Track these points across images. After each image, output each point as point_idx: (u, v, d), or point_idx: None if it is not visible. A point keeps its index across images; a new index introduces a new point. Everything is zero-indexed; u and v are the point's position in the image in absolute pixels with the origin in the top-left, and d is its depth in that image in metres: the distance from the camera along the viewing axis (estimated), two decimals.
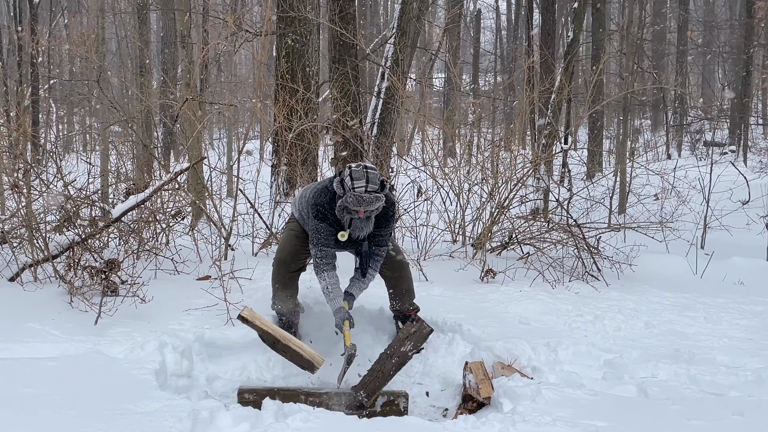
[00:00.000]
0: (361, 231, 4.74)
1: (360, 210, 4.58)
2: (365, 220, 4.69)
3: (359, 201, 4.52)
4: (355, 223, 4.71)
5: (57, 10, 22.47)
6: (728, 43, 26.54)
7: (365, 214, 4.63)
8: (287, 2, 9.04)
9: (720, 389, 4.40)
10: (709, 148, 20.64)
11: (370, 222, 4.72)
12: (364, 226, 4.72)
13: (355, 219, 4.68)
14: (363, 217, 4.65)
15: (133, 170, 8.63)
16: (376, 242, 4.90)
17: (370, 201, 4.53)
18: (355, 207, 4.56)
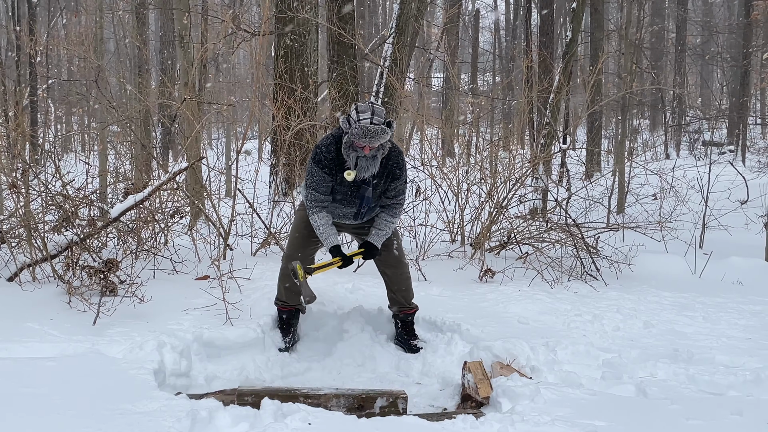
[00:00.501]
0: (366, 171, 4.72)
1: (366, 145, 4.60)
2: (371, 159, 4.69)
3: (365, 133, 4.54)
4: (361, 163, 4.69)
5: (55, 9, 22.46)
6: (726, 43, 26.56)
7: (371, 151, 4.65)
8: (285, 2, 9.05)
9: (719, 389, 4.41)
10: (707, 148, 20.67)
11: (375, 162, 4.72)
12: (369, 166, 4.71)
13: (361, 158, 4.67)
14: (369, 156, 4.66)
15: (132, 170, 8.62)
16: (393, 194, 4.94)
17: (375, 133, 4.54)
18: (361, 140, 4.57)
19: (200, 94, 9.84)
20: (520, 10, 26.62)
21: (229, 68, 22.06)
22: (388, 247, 5.13)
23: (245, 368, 4.86)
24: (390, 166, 4.84)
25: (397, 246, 5.19)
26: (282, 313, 5.24)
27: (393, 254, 5.16)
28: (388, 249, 5.13)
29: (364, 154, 4.66)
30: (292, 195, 8.04)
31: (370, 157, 4.68)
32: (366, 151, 4.64)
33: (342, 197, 4.90)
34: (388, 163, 4.84)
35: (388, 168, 4.84)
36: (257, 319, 5.23)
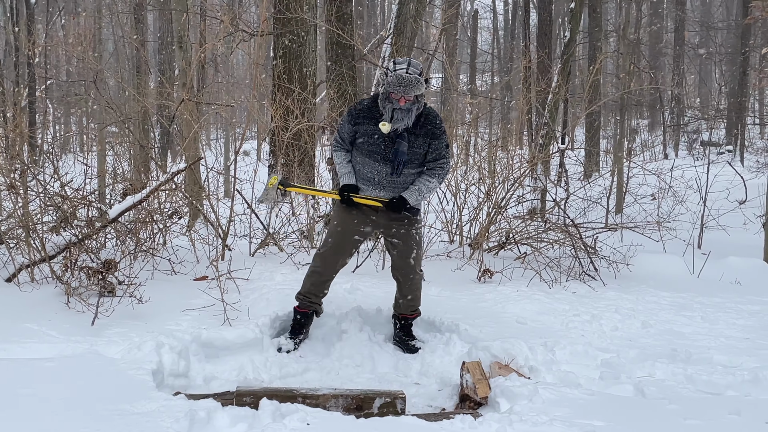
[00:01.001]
0: (400, 122, 4.78)
1: (401, 96, 4.70)
2: (406, 112, 4.76)
3: (399, 81, 4.65)
4: (396, 115, 4.76)
5: (54, 10, 22.45)
6: (725, 43, 26.58)
7: (406, 103, 4.74)
8: (284, 3, 9.05)
9: (717, 389, 4.41)
10: (706, 148, 20.68)
11: (410, 115, 4.79)
12: (404, 117, 4.78)
13: (396, 110, 4.75)
14: (404, 108, 4.75)
15: (130, 171, 8.62)
16: (433, 156, 4.97)
17: (409, 82, 4.66)
18: (396, 89, 4.67)
19: (199, 95, 9.84)
20: (519, 10, 26.63)
21: (228, 69, 22.06)
22: (406, 255, 5.12)
23: (244, 369, 4.85)
24: (425, 124, 4.90)
25: (414, 256, 5.16)
26: (297, 314, 5.23)
27: (409, 263, 5.15)
28: (405, 257, 5.13)
29: (400, 105, 4.75)
30: (291, 196, 8.04)
31: (405, 110, 4.76)
32: (401, 102, 4.74)
33: (376, 151, 4.90)
34: (425, 122, 4.90)
35: (425, 127, 4.90)
36: (255, 319, 5.23)
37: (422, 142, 4.92)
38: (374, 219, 5.06)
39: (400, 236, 5.08)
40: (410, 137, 4.88)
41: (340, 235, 5.08)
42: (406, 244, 5.10)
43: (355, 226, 5.06)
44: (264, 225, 7.43)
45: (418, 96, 4.80)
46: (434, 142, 4.94)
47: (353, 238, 5.09)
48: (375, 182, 4.98)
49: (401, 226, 5.06)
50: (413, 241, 5.12)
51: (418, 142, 4.91)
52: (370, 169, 4.96)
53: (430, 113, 4.95)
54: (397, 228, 5.06)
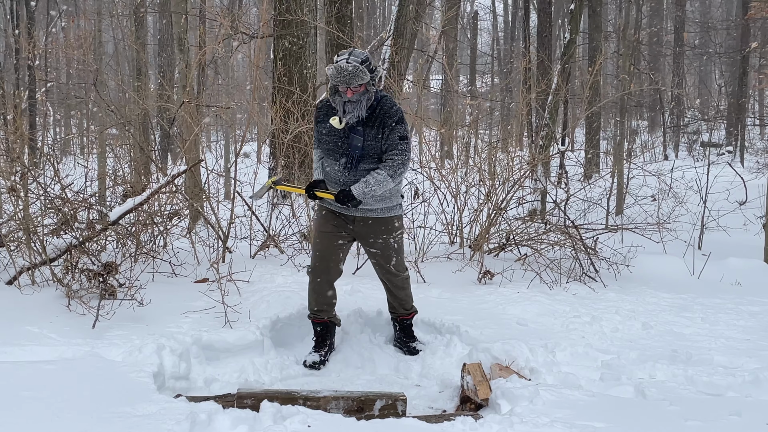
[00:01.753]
0: (351, 114, 4.66)
1: (346, 87, 4.58)
2: (355, 103, 4.63)
3: (339, 72, 4.53)
4: (347, 108, 4.65)
5: (54, 13, 22.46)
6: (724, 44, 26.59)
7: (354, 95, 4.61)
8: (284, 5, 9.05)
9: (717, 390, 4.41)
10: (706, 149, 20.69)
11: (360, 106, 4.65)
12: (354, 109, 4.64)
13: (346, 102, 4.63)
14: (353, 100, 4.62)
15: (131, 173, 8.62)
16: (387, 147, 4.76)
17: (347, 71, 4.52)
18: (337, 79, 4.56)
19: (199, 97, 9.84)
20: (519, 11, 26.65)
21: (228, 71, 22.08)
22: (386, 263, 5.05)
23: (244, 371, 4.86)
24: (380, 116, 4.73)
25: (395, 263, 5.07)
26: (316, 326, 5.16)
27: (390, 270, 5.08)
28: (385, 265, 5.06)
29: (348, 97, 4.62)
30: (291, 197, 8.05)
31: (354, 101, 4.64)
32: (349, 94, 4.61)
33: (334, 149, 4.80)
34: (379, 112, 4.73)
35: (379, 118, 4.73)
36: (256, 321, 5.23)
37: (376, 133, 4.75)
38: (351, 228, 4.97)
39: (377, 246, 5.00)
40: (365, 130, 4.74)
41: (322, 245, 5.00)
42: (385, 253, 5.02)
43: (335, 232, 4.97)
44: (264, 227, 7.44)
45: (366, 85, 4.64)
46: (386, 131, 4.74)
47: (336, 243, 4.99)
48: (339, 182, 4.85)
49: (378, 237, 4.96)
50: (391, 249, 5.02)
51: (373, 134, 4.75)
52: (333, 168, 4.86)
53: (385, 103, 4.77)
54: (374, 238, 4.97)
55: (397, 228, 5.03)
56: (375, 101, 4.73)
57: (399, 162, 4.76)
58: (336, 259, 5.03)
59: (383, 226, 4.95)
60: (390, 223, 4.97)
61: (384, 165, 4.76)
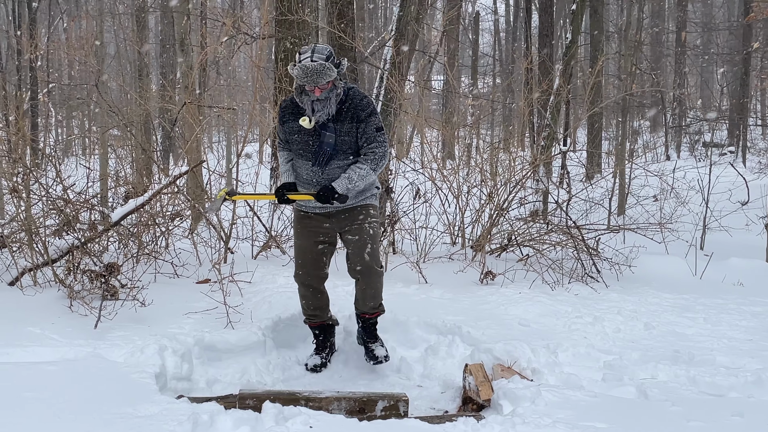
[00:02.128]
0: (321, 112, 4.50)
1: (313, 86, 4.42)
2: (324, 101, 4.48)
3: (305, 72, 4.36)
4: (316, 107, 4.50)
5: (56, 13, 22.48)
6: (726, 44, 26.57)
7: (322, 93, 4.45)
8: (285, 5, 9.05)
9: (720, 390, 4.41)
10: (708, 149, 20.66)
11: (329, 103, 4.50)
12: (324, 107, 4.49)
13: (315, 101, 4.48)
14: (322, 98, 4.46)
15: (132, 174, 8.63)
16: (365, 141, 4.61)
17: (314, 70, 4.34)
18: (303, 80, 4.40)
19: (200, 98, 9.85)
20: (520, 12, 26.65)
21: (230, 72, 22.09)
22: (360, 249, 4.74)
23: (246, 371, 4.86)
24: (351, 109, 4.58)
25: (370, 251, 4.76)
26: (314, 329, 5.11)
27: (364, 258, 4.75)
28: (360, 251, 4.75)
29: (316, 96, 4.46)
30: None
31: (323, 99, 4.48)
32: (317, 93, 4.45)
33: (305, 149, 4.64)
34: (349, 106, 4.58)
35: (350, 111, 4.58)
36: (258, 322, 5.23)
37: (349, 128, 4.59)
38: (328, 226, 4.81)
39: (353, 231, 4.75)
40: (336, 126, 4.58)
41: (303, 253, 4.87)
42: (360, 238, 4.73)
43: (314, 237, 4.83)
44: (266, 227, 7.44)
45: (334, 81, 4.49)
46: (361, 125, 4.59)
47: (317, 249, 4.86)
48: (312, 182, 4.68)
49: (354, 222, 4.75)
50: (367, 235, 4.75)
51: (345, 129, 4.59)
52: (305, 169, 4.70)
53: (354, 96, 4.61)
54: (349, 225, 4.75)
55: (373, 215, 4.83)
56: (343, 95, 4.58)
57: (380, 154, 4.65)
58: (319, 265, 4.90)
59: (360, 213, 4.76)
60: (366, 209, 4.79)
61: (365, 158, 4.63)
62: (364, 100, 4.62)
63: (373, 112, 4.62)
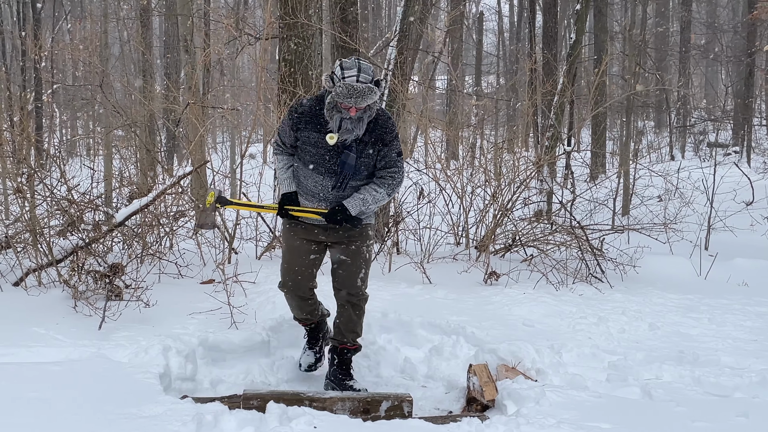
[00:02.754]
0: (350, 134, 4.20)
1: (351, 106, 4.11)
2: (356, 121, 4.18)
3: (350, 92, 4.04)
4: (345, 125, 4.17)
5: (60, 14, 22.52)
6: (731, 44, 26.53)
7: (357, 113, 4.16)
8: (289, 6, 9.05)
9: (724, 391, 4.40)
10: (712, 149, 20.64)
11: (361, 124, 4.20)
12: (354, 128, 4.19)
13: (345, 120, 4.16)
14: (355, 118, 4.16)
15: (137, 174, 8.64)
16: (383, 164, 4.37)
17: (362, 92, 4.05)
18: (346, 100, 4.06)
19: (204, 98, 9.85)
20: (524, 12, 26.62)
21: (233, 72, 22.10)
22: (353, 275, 4.52)
23: (250, 372, 4.86)
24: (377, 131, 4.30)
25: (363, 276, 4.55)
26: (305, 327, 4.87)
27: (356, 284, 4.54)
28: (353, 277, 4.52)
29: (350, 115, 4.15)
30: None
31: (355, 119, 4.18)
32: (352, 112, 4.14)
33: (320, 163, 4.31)
34: (374, 127, 4.30)
35: (376, 133, 4.30)
36: (262, 322, 5.23)
37: (372, 150, 4.32)
38: (323, 238, 4.49)
39: (348, 253, 4.49)
40: (359, 146, 4.29)
41: (293, 263, 4.55)
42: (355, 263, 4.50)
43: (307, 247, 4.52)
44: (270, 228, 7.44)
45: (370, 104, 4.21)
46: (384, 148, 4.33)
47: (309, 259, 4.55)
48: (319, 197, 4.38)
49: (350, 243, 4.47)
50: (362, 259, 4.52)
51: (367, 151, 4.31)
52: (314, 183, 4.37)
53: (381, 117, 4.33)
54: (346, 244, 4.48)
55: (370, 236, 4.58)
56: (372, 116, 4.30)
57: (398, 180, 4.45)
58: (309, 276, 4.59)
59: (357, 231, 4.48)
60: (365, 230, 4.52)
61: (382, 182, 4.40)
62: (390, 123, 4.38)
63: (397, 136, 4.41)
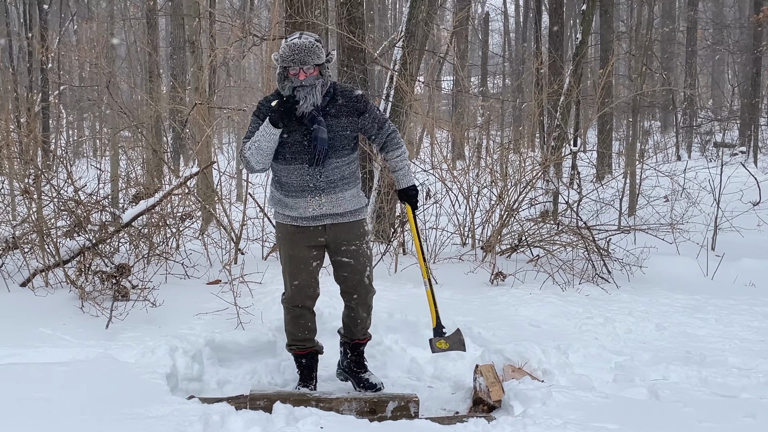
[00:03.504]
0: (305, 102, 4.09)
1: (299, 69, 4.05)
2: (309, 88, 4.09)
3: (292, 49, 4.03)
4: (298, 93, 4.09)
5: (66, 16, 22.57)
6: (738, 43, 26.46)
7: (307, 78, 4.07)
8: (295, 7, 9.05)
9: (731, 391, 4.39)
10: (719, 149, 20.58)
11: (314, 91, 4.10)
12: (308, 96, 4.09)
13: (297, 88, 4.08)
14: (306, 83, 4.07)
15: (143, 175, 8.66)
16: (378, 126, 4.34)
17: (302, 47, 4.03)
18: (291, 61, 4.04)
19: (210, 99, 9.87)
20: (530, 12, 26.61)
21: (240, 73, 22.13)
22: (359, 275, 4.44)
23: (257, 372, 4.87)
24: (345, 103, 4.24)
25: (368, 274, 4.50)
26: (300, 358, 4.61)
27: (363, 283, 4.47)
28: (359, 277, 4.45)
29: (300, 81, 4.07)
30: None
31: (308, 86, 4.08)
32: (301, 76, 4.06)
33: (297, 149, 4.20)
34: (343, 101, 4.23)
35: (345, 106, 4.23)
36: (269, 323, 5.24)
37: (346, 122, 4.24)
38: (322, 240, 4.36)
39: (350, 254, 4.39)
40: (331, 121, 4.19)
41: (297, 272, 4.40)
42: (358, 262, 4.41)
43: (308, 254, 4.37)
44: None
45: (320, 69, 4.12)
46: (364, 115, 4.29)
47: (312, 267, 4.41)
48: (310, 188, 4.23)
49: (351, 243, 4.37)
50: (364, 257, 4.45)
51: (342, 124, 4.22)
52: (298, 175, 4.24)
53: (344, 88, 4.28)
54: (346, 245, 4.37)
55: (366, 232, 4.52)
56: (332, 89, 4.22)
57: (399, 136, 4.47)
58: (314, 284, 4.47)
59: (354, 230, 4.40)
60: (360, 226, 4.45)
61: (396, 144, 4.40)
62: (356, 93, 4.31)
63: (369, 100, 4.35)
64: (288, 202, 4.31)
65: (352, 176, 4.34)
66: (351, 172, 4.33)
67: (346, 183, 4.31)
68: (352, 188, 4.35)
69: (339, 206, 4.30)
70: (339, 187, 4.28)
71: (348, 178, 4.31)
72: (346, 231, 4.38)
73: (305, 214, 4.29)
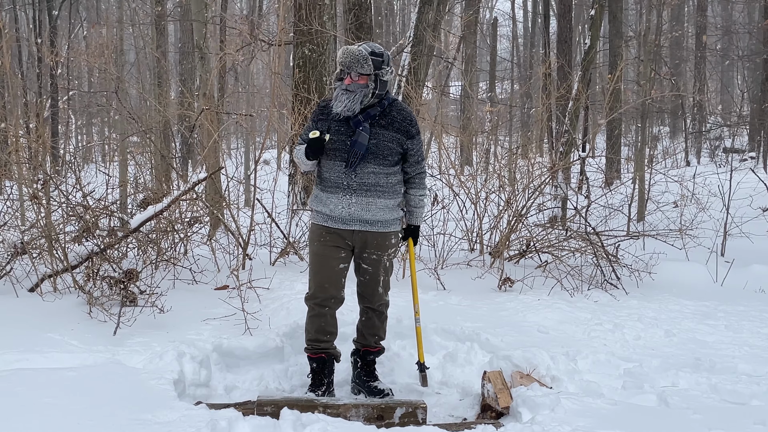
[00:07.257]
0: (341, 104, 4.31)
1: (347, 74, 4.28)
2: (352, 93, 4.28)
3: (344, 53, 4.27)
4: (339, 96, 4.32)
5: (76, 21, 22.67)
6: (747, 48, 26.39)
7: (352, 84, 4.27)
8: (302, 13, 9.07)
9: (741, 398, 4.36)
10: (728, 155, 20.52)
11: (353, 98, 4.29)
12: (346, 100, 4.29)
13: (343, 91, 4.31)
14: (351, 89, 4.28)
15: (152, 180, 8.68)
16: (413, 160, 4.51)
17: (352, 54, 4.24)
18: (341, 64, 4.27)
19: (219, 104, 9.89)
20: (538, 18, 26.60)
21: (248, 78, 22.19)
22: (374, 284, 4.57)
23: (264, 378, 4.86)
24: (396, 118, 4.41)
25: (383, 284, 4.60)
26: (312, 362, 4.63)
27: (377, 291, 4.60)
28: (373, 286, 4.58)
29: (345, 86, 4.30)
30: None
31: (351, 91, 4.29)
32: (347, 81, 4.28)
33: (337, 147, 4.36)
34: (395, 115, 4.41)
35: (396, 121, 4.40)
36: (276, 328, 5.23)
37: (392, 137, 4.38)
38: (349, 243, 4.48)
39: (369, 262, 4.52)
40: (377, 130, 4.36)
41: (324, 272, 4.49)
42: (375, 271, 4.53)
43: (336, 255, 4.47)
44: (284, 234, 7.45)
45: (368, 79, 4.29)
46: (409, 141, 4.44)
47: (338, 268, 4.50)
48: (343, 186, 4.38)
49: (372, 252, 4.50)
50: (382, 267, 4.55)
51: (387, 136, 4.37)
52: (335, 172, 4.40)
53: (403, 108, 4.47)
54: (368, 254, 4.50)
55: (392, 245, 4.60)
56: (386, 102, 4.40)
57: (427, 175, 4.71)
58: (339, 286, 4.55)
59: (381, 240, 4.50)
60: (387, 238, 4.54)
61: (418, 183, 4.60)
62: (412, 116, 4.48)
63: (419, 132, 4.54)
64: (323, 198, 4.47)
65: (388, 187, 4.46)
66: (389, 183, 4.46)
67: (381, 191, 4.42)
68: (386, 198, 4.46)
69: (368, 212, 4.42)
70: (371, 193, 4.40)
71: (383, 187, 4.43)
72: (373, 240, 4.50)
73: (335, 212, 4.42)
